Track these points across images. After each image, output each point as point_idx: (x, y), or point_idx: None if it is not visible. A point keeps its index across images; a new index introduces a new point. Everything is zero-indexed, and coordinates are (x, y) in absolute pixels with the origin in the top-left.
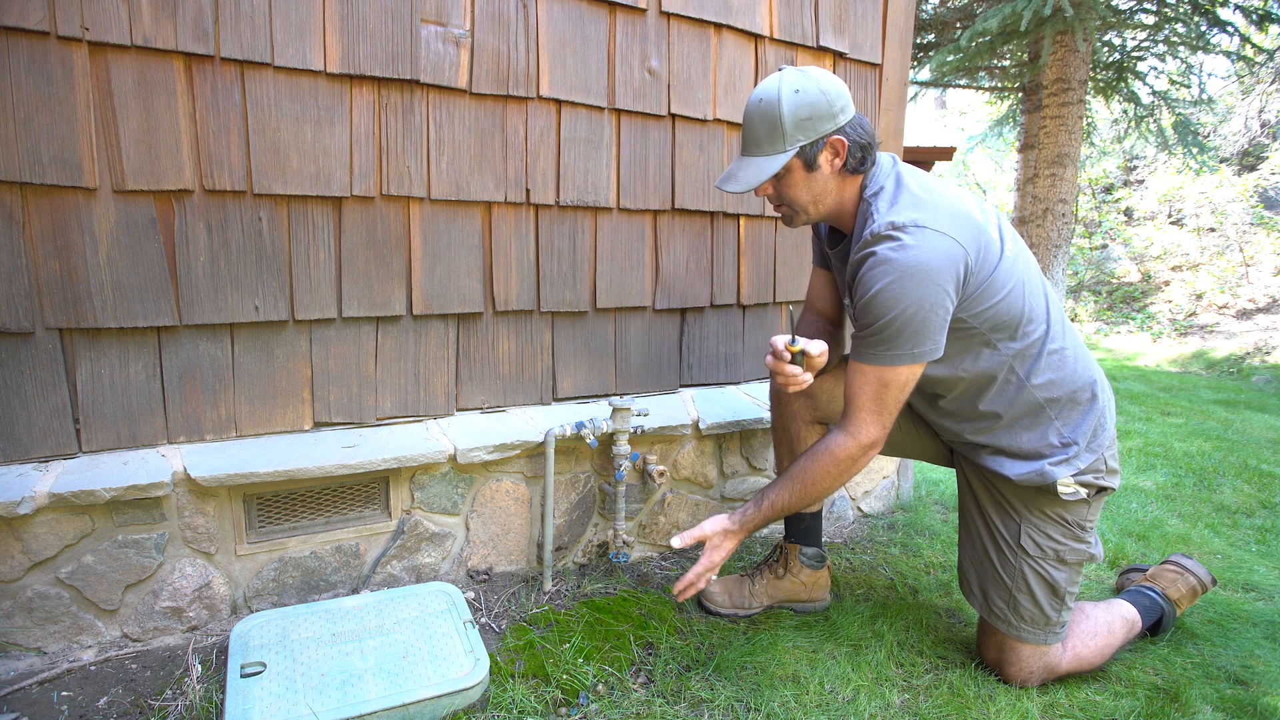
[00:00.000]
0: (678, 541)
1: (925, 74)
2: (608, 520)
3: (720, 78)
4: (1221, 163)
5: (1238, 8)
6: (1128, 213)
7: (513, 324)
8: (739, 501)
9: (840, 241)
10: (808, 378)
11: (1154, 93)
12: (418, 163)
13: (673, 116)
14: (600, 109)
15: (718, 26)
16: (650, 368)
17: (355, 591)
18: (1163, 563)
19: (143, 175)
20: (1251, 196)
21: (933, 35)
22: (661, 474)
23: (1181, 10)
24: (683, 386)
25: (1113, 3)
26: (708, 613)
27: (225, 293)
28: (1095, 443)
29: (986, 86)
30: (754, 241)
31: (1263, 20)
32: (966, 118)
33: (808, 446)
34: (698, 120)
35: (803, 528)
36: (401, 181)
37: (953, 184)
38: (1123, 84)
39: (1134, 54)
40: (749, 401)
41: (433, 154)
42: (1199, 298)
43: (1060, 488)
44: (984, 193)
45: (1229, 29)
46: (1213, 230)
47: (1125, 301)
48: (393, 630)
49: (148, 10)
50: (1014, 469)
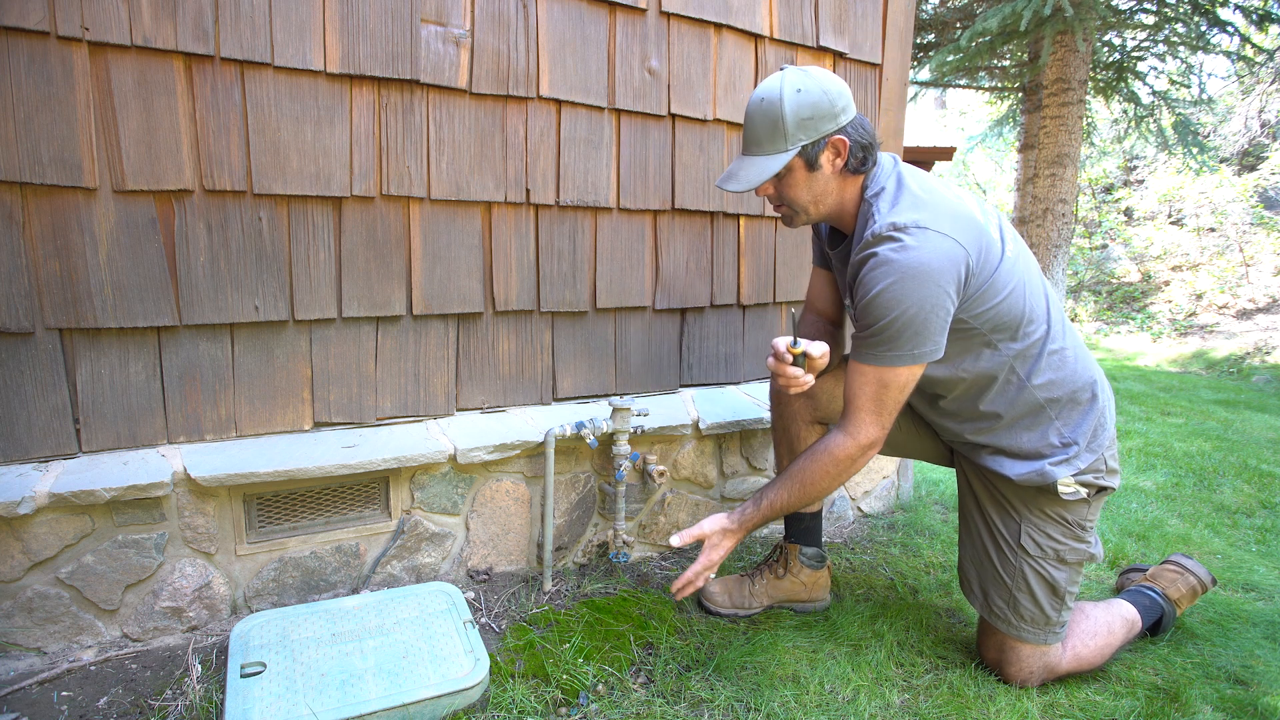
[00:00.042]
0: (677, 540)
1: (925, 74)
2: (608, 520)
3: (720, 78)
4: (1221, 163)
5: (1238, 8)
6: (1128, 213)
7: (513, 324)
8: (739, 501)
9: (841, 242)
10: (809, 379)
11: (1154, 93)
12: (418, 163)
13: (673, 116)
14: (600, 109)
15: (718, 26)
16: (650, 368)
17: (355, 591)
18: (1163, 563)
19: (143, 175)
20: (1251, 196)
21: (933, 35)
22: (661, 474)
23: (1181, 10)
24: (683, 386)
25: (1113, 3)
26: (708, 613)
27: (225, 293)
28: (1095, 443)
29: (986, 86)
30: (754, 241)
31: (1263, 20)
32: (966, 118)
33: (808, 446)
34: (698, 120)
35: (803, 528)
36: (401, 181)
37: (954, 184)
38: (1123, 84)
39: (1134, 54)
40: (749, 401)
41: (433, 154)
42: (1199, 298)
43: (1060, 487)
44: (984, 193)
45: (1229, 29)
46: (1213, 230)
47: (1125, 301)
48: (393, 630)
49: (148, 10)
50: (1014, 469)
